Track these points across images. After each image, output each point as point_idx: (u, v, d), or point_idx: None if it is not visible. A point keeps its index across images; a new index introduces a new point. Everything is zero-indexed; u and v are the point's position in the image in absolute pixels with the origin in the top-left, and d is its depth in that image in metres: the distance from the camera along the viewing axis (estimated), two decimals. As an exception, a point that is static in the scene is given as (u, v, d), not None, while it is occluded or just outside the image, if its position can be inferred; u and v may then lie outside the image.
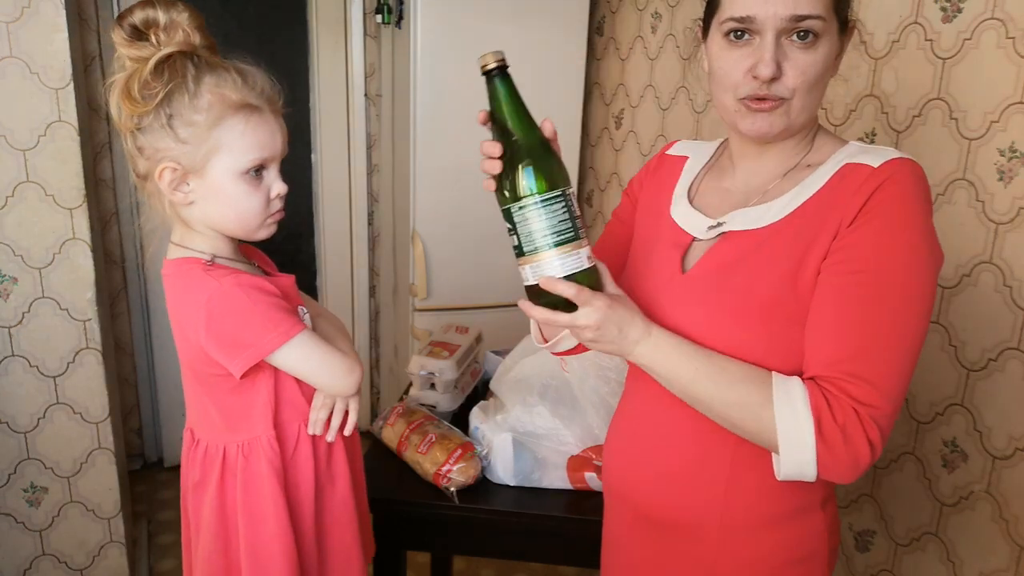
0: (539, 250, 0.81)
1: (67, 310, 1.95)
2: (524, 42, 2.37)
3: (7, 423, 1.97)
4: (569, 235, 0.81)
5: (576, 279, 0.81)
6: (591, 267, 0.83)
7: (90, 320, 1.97)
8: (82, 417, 2.03)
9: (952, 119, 1.33)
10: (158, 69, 0.93)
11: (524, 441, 1.36)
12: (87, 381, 2.01)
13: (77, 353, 1.98)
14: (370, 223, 3.10)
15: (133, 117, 0.95)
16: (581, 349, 1.04)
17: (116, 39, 0.94)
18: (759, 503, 0.89)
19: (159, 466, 2.95)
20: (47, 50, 1.81)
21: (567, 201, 0.82)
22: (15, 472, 2.01)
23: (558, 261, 0.81)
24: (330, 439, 1.09)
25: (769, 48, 0.80)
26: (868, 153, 0.83)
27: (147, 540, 2.46)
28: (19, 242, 1.89)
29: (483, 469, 1.36)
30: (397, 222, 2.79)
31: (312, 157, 3.00)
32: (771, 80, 0.80)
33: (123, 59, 0.95)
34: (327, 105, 2.94)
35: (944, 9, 1.34)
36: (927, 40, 1.37)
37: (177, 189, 0.98)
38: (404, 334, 2.70)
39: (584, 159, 2.76)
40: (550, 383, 1.41)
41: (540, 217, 0.81)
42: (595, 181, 2.73)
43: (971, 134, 1.30)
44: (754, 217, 0.87)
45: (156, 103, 0.94)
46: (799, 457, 0.78)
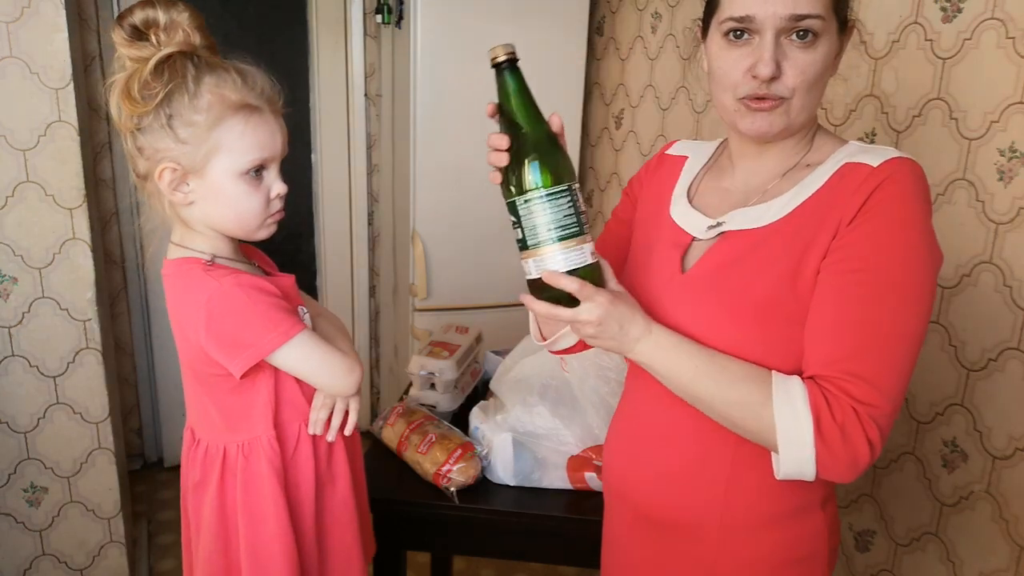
0: (543, 244, 0.81)
1: (67, 310, 1.95)
2: (524, 42, 2.31)
3: (7, 423, 1.97)
4: (573, 230, 0.81)
5: (579, 274, 0.81)
6: (594, 263, 0.83)
7: (90, 320, 1.97)
8: (82, 417, 2.03)
9: (952, 119, 1.33)
10: (158, 69, 0.93)
11: (524, 441, 1.36)
12: (87, 381, 2.01)
13: (77, 353, 1.98)
14: (370, 223, 3.10)
15: (133, 117, 0.95)
16: (579, 348, 1.04)
17: (116, 39, 0.94)
18: (759, 503, 0.89)
19: (159, 466, 2.95)
20: (47, 50, 1.81)
21: (572, 196, 0.82)
22: (15, 472, 2.01)
23: (561, 256, 0.81)
24: (330, 439, 1.09)
25: (768, 47, 0.80)
26: (867, 152, 0.83)
27: (147, 540, 2.46)
28: (19, 242, 1.89)
29: (483, 469, 1.36)
30: (397, 222, 2.79)
31: (312, 157, 3.00)
32: (771, 79, 0.80)
33: (123, 59, 0.95)
34: (327, 105, 2.94)
35: (944, 9, 1.34)
36: (927, 40, 1.37)
37: (177, 189, 0.98)
38: (404, 334, 2.70)
39: (584, 159, 2.75)
40: (550, 383, 1.41)
41: (545, 211, 0.81)
42: (595, 181, 2.72)
43: (971, 134, 1.30)
44: (753, 217, 0.87)
45: (156, 103, 0.94)
46: (798, 456, 0.78)
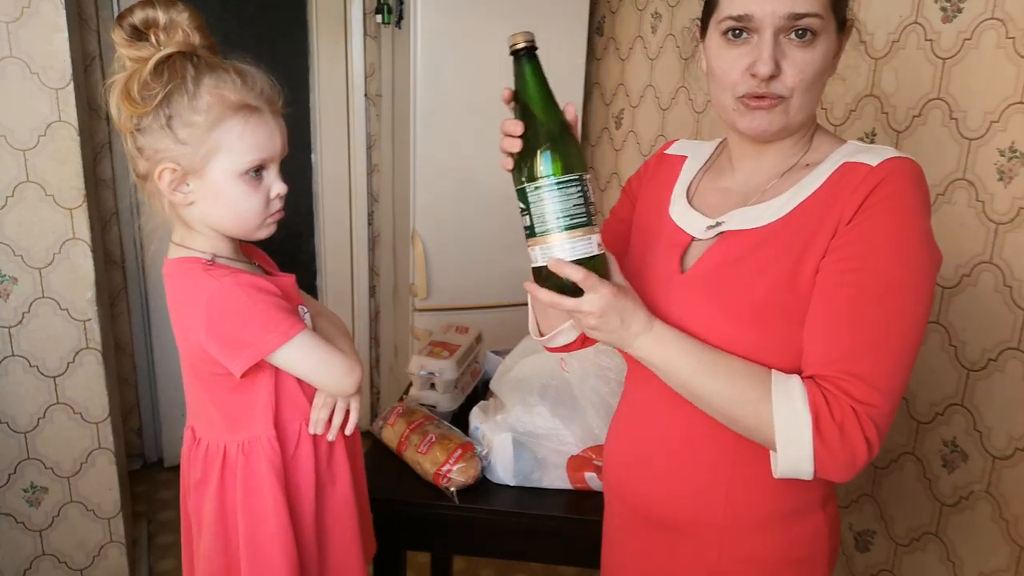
0: (550, 232, 0.81)
1: (67, 310, 1.95)
2: (524, 42, 2.36)
3: (7, 423, 1.97)
4: (581, 220, 0.81)
5: (585, 264, 0.81)
6: (600, 255, 0.83)
7: (90, 320, 1.97)
8: (82, 417, 2.03)
9: (952, 119, 1.33)
10: (158, 70, 0.93)
11: (524, 441, 1.36)
12: (87, 381, 2.01)
13: (77, 353, 1.99)
14: (370, 223, 3.10)
15: (133, 118, 0.95)
16: (577, 346, 1.04)
17: (116, 39, 0.94)
18: (760, 503, 0.89)
19: (159, 466, 2.95)
20: (47, 50, 1.81)
21: (583, 186, 0.82)
22: (15, 472, 2.01)
23: (568, 245, 0.81)
24: (331, 438, 1.09)
25: (767, 46, 0.80)
26: (866, 152, 0.83)
27: (147, 540, 2.46)
28: (19, 242, 1.89)
29: (483, 469, 1.36)
30: (397, 222, 2.79)
31: (312, 157, 3.00)
32: (769, 78, 0.81)
33: (123, 59, 0.95)
34: (327, 105, 2.94)
35: (944, 9, 1.34)
36: (927, 40, 1.37)
37: (177, 190, 0.98)
38: (404, 334, 2.69)
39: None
40: (550, 383, 1.40)
41: (554, 199, 0.81)
42: (595, 181, 2.73)
43: (971, 134, 1.30)
44: (753, 217, 0.87)
45: (155, 104, 0.94)
46: (796, 454, 0.78)
